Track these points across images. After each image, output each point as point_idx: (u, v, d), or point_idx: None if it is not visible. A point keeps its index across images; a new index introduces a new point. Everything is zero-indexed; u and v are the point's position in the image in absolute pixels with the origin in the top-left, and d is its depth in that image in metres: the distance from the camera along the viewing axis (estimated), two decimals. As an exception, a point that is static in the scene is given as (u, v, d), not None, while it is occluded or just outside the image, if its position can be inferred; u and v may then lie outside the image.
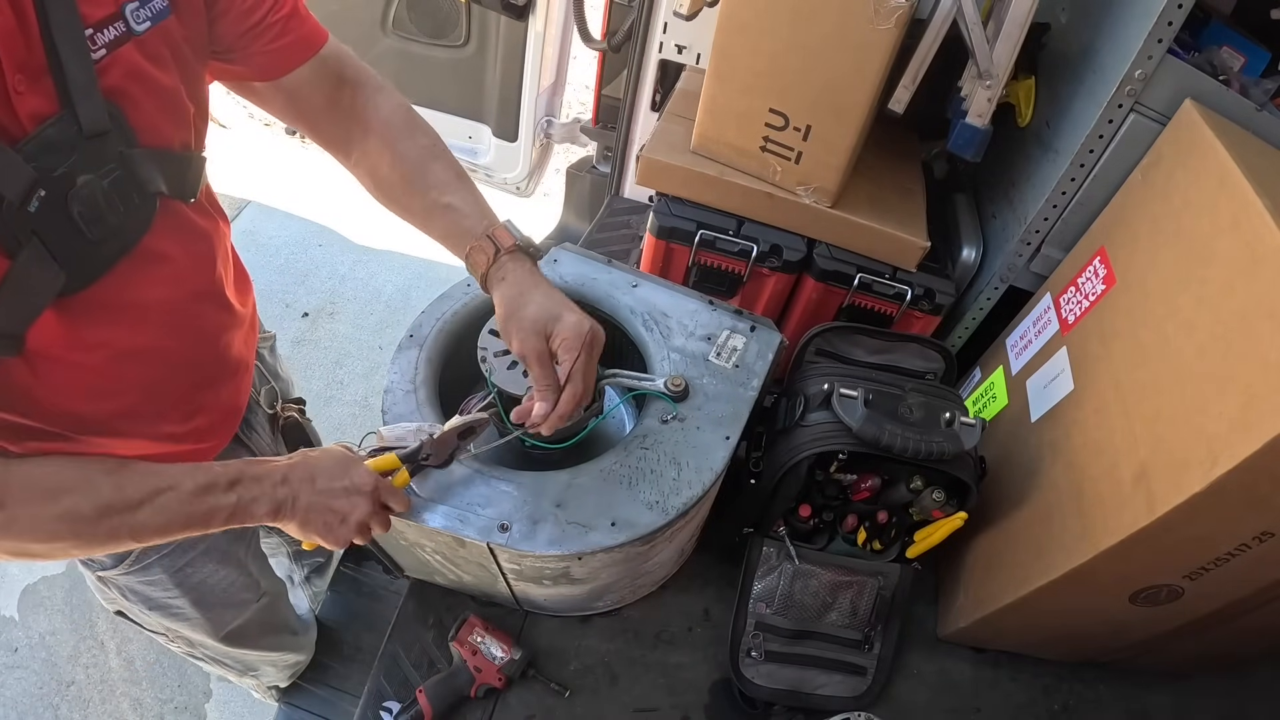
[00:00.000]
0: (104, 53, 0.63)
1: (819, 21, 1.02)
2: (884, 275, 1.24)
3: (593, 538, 0.81)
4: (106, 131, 0.64)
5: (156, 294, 0.77)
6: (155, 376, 0.81)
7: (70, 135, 0.61)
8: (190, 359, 0.86)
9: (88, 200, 0.64)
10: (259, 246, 2.79)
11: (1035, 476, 1.06)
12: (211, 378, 0.91)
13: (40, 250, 0.61)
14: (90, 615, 1.87)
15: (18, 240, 0.60)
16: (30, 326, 0.64)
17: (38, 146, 0.59)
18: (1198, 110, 0.96)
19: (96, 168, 0.64)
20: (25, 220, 0.60)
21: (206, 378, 0.90)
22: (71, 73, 0.60)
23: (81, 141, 0.62)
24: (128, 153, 0.67)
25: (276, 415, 1.14)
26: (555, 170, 2.60)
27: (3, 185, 0.58)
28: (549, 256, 1.06)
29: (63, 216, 0.63)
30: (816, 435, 0.97)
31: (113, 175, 0.66)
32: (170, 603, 1.07)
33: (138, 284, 0.74)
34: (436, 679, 1.03)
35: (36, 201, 0.60)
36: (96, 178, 0.64)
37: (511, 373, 0.86)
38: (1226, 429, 0.74)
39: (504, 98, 1.91)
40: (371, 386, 2.44)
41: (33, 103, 0.59)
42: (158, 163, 0.72)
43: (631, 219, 1.90)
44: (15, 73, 0.57)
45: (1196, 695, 1.19)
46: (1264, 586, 0.88)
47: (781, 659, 1.10)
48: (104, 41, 0.63)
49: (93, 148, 0.63)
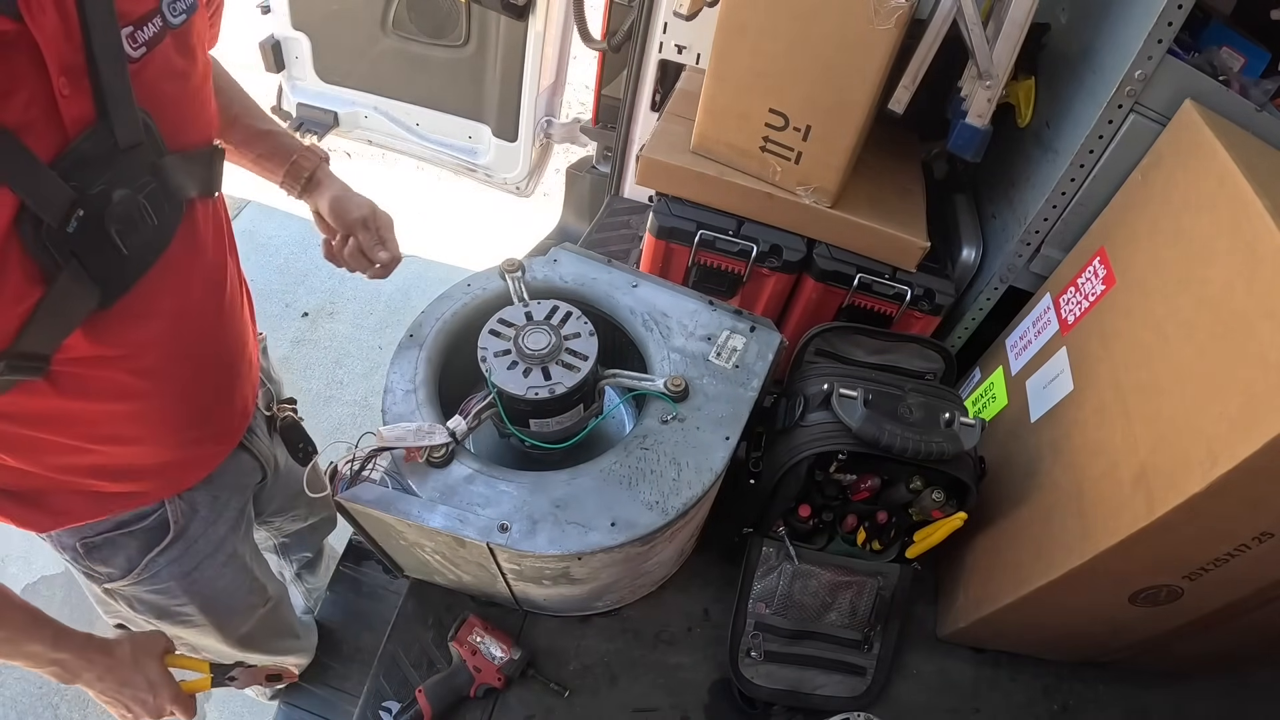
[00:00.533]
0: (144, 51, 0.61)
1: (819, 21, 1.02)
2: (884, 275, 1.24)
3: (592, 538, 0.81)
4: (140, 143, 0.63)
5: (180, 299, 0.76)
6: (176, 382, 0.81)
7: (106, 148, 0.60)
8: (211, 361, 0.86)
9: (124, 217, 0.63)
10: (259, 246, 2.79)
11: (1035, 477, 1.06)
12: (229, 380, 0.91)
13: (78, 270, 0.60)
14: (90, 614, 1.85)
15: (56, 264, 0.58)
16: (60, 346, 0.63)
17: (73, 163, 0.58)
18: (1198, 111, 0.96)
19: (132, 181, 0.63)
20: (64, 242, 0.58)
21: (225, 380, 0.90)
22: (107, 79, 0.58)
23: (118, 155, 0.61)
24: (160, 162, 0.66)
25: (274, 416, 1.15)
26: (555, 170, 2.60)
27: (43, 207, 0.56)
28: (549, 256, 1.06)
29: (101, 235, 0.61)
30: (816, 435, 0.97)
31: (148, 188, 0.65)
32: (180, 610, 1.06)
33: (163, 291, 0.73)
34: (436, 679, 1.03)
35: (75, 222, 0.58)
36: (132, 192, 0.63)
37: (512, 373, 0.86)
38: (1226, 429, 0.74)
39: (504, 98, 1.90)
40: (371, 386, 2.44)
41: (77, 107, 0.57)
42: (188, 166, 0.71)
43: (631, 219, 1.90)
44: (60, 75, 0.55)
45: (1196, 695, 1.19)
46: (1264, 586, 0.88)
47: (781, 659, 1.10)
48: (144, 39, 0.61)
49: (127, 160, 0.62)
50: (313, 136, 2.04)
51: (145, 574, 0.97)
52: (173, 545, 0.97)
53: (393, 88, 1.99)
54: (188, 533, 0.98)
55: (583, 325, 0.91)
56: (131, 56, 0.60)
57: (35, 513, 0.84)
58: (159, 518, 0.94)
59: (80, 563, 0.94)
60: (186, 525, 0.97)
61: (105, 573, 0.96)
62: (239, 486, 1.06)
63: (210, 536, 1.02)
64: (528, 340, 0.88)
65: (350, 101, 2.03)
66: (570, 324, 0.91)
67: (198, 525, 0.99)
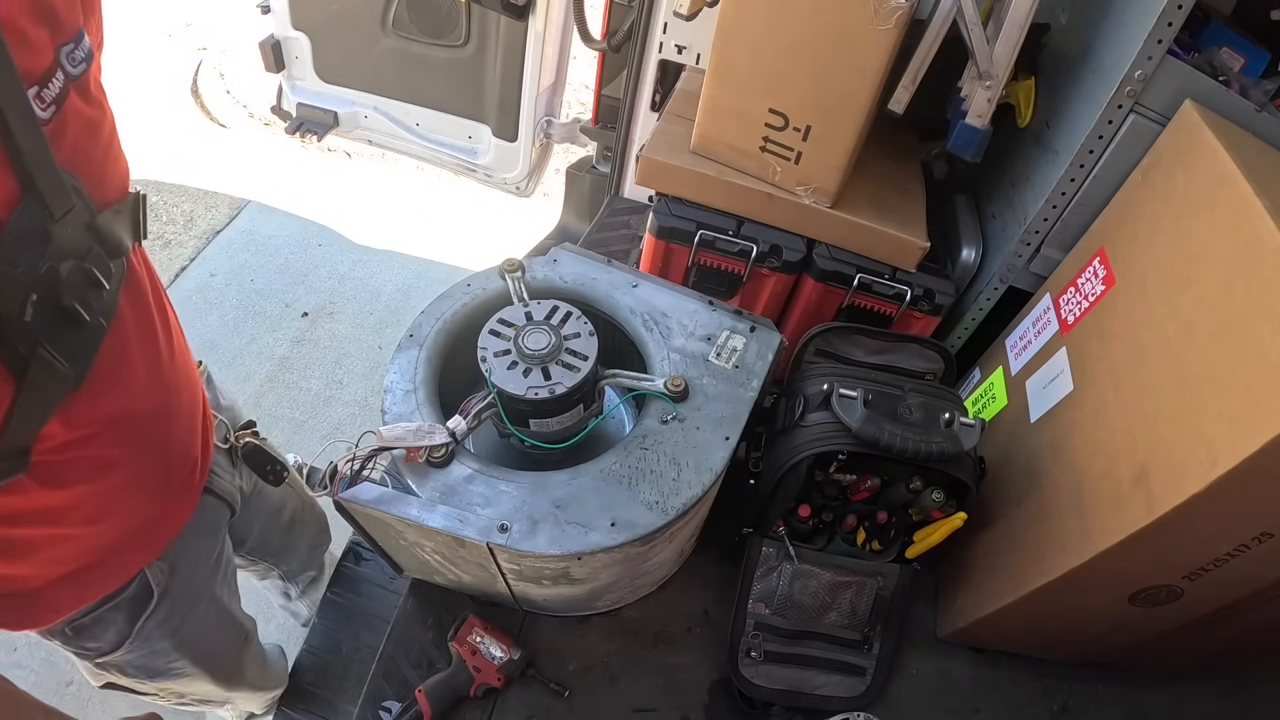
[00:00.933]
0: (53, 110, 0.57)
1: (819, 22, 1.02)
2: (884, 275, 1.24)
3: (592, 538, 0.81)
4: (72, 207, 0.59)
5: (138, 355, 0.74)
6: (150, 438, 0.79)
7: (41, 221, 0.56)
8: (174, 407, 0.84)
9: (76, 289, 0.59)
10: (259, 246, 2.79)
11: (1035, 477, 1.06)
12: (189, 424, 0.89)
13: (47, 357, 0.57)
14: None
15: (23, 357, 0.56)
16: (38, 437, 0.60)
17: (11, 245, 0.53)
18: (1197, 111, 0.96)
19: (75, 250, 0.59)
20: (27, 333, 0.55)
21: (187, 425, 0.88)
22: (26, 148, 0.53)
23: (53, 226, 0.57)
24: (94, 223, 0.63)
25: (233, 447, 1.09)
26: (555, 170, 2.60)
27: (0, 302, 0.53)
28: (549, 256, 1.06)
29: (60, 314, 0.58)
30: (816, 435, 0.97)
31: (91, 252, 0.62)
32: (171, 667, 1.05)
33: (123, 352, 0.71)
34: (436, 679, 1.03)
35: (31, 309, 0.55)
36: (78, 260, 0.60)
37: (512, 373, 0.86)
38: (1226, 429, 0.74)
39: (504, 98, 1.90)
40: (371, 386, 2.44)
41: (2, 187, 0.53)
42: (120, 220, 0.67)
43: (631, 219, 1.90)
44: None
45: (1196, 695, 1.19)
46: (1264, 587, 0.88)
47: (781, 659, 1.10)
48: (51, 98, 0.56)
49: (63, 229, 0.58)
50: (313, 136, 2.04)
51: (136, 641, 0.95)
52: (159, 608, 0.94)
53: (393, 88, 1.99)
54: (170, 591, 0.95)
55: (582, 325, 0.91)
56: (43, 118, 0.56)
57: (23, 613, 0.81)
58: (140, 584, 0.92)
59: (70, 645, 0.92)
60: (168, 584, 0.95)
61: (96, 648, 0.93)
62: (210, 530, 1.03)
63: (191, 588, 1.00)
64: (528, 340, 0.88)
65: (350, 101, 2.03)
66: (570, 324, 0.91)
67: (178, 581, 0.97)
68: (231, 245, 2.80)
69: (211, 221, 2.87)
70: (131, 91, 3.33)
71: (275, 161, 3.14)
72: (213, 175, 3.03)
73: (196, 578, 1.01)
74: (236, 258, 2.76)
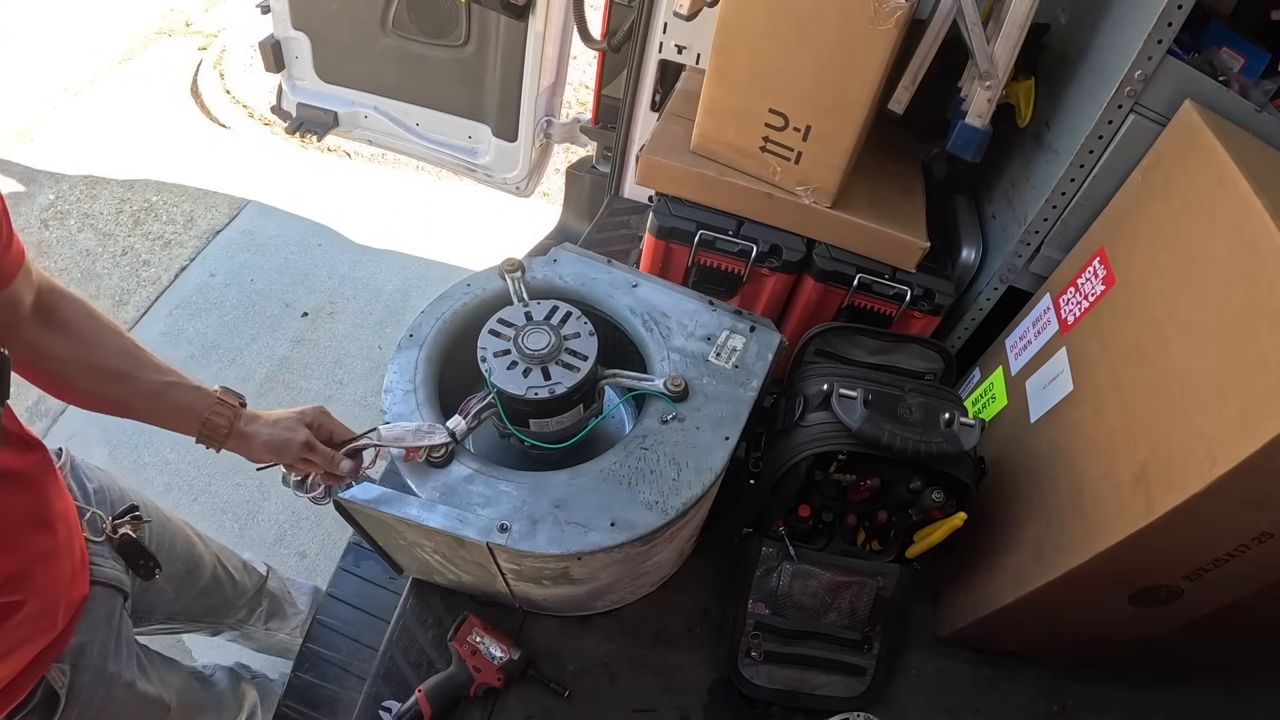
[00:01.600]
0: None
1: (819, 22, 1.02)
2: (883, 275, 1.24)
3: (592, 538, 0.81)
4: None
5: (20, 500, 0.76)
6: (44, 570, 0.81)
7: None
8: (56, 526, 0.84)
9: None
10: (259, 246, 2.79)
11: (1035, 476, 1.06)
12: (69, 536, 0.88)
13: None
14: None
15: None
16: None
17: None
18: (1197, 111, 0.96)
19: None
20: None
21: (68, 539, 0.88)
22: None
23: None
24: None
25: (109, 539, 1.02)
26: (555, 170, 2.60)
27: None
28: (549, 256, 1.06)
29: None
30: (816, 435, 0.97)
31: None
32: None
33: (11, 504, 0.73)
34: (435, 679, 1.03)
35: None
36: None
37: (511, 373, 0.86)
38: (1226, 429, 0.74)
39: (504, 97, 1.90)
40: (371, 386, 2.44)
41: None
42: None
43: (631, 219, 1.90)
44: None
45: (1196, 695, 1.19)
46: (1264, 587, 0.88)
47: (780, 659, 1.10)
48: None
49: None
50: (313, 136, 2.04)
51: None
52: (68, 708, 0.93)
53: (393, 88, 1.99)
54: (75, 688, 0.94)
55: (582, 325, 0.91)
56: None
57: None
58: (44, 690, 0.90)
59: None
60: (72, 682, 0.93)
61: None
62: (102, 620, 1.00)
63: (100, 680, 0.98)
64: (528, 340, 0.88)
65: (350, 101, 2.03)
66: (570, 324, 0.91)
67: (82, 676, 0.95)
68: (231, 245, 2.80)
69: (211, 221, 2.87)
70: (131, 91, 3.34)
71: (275, 161, 3.14)
72: (213, 175, 3.03)
73: (103, 669, 0.99)
74: (236, 258, 2.76)
